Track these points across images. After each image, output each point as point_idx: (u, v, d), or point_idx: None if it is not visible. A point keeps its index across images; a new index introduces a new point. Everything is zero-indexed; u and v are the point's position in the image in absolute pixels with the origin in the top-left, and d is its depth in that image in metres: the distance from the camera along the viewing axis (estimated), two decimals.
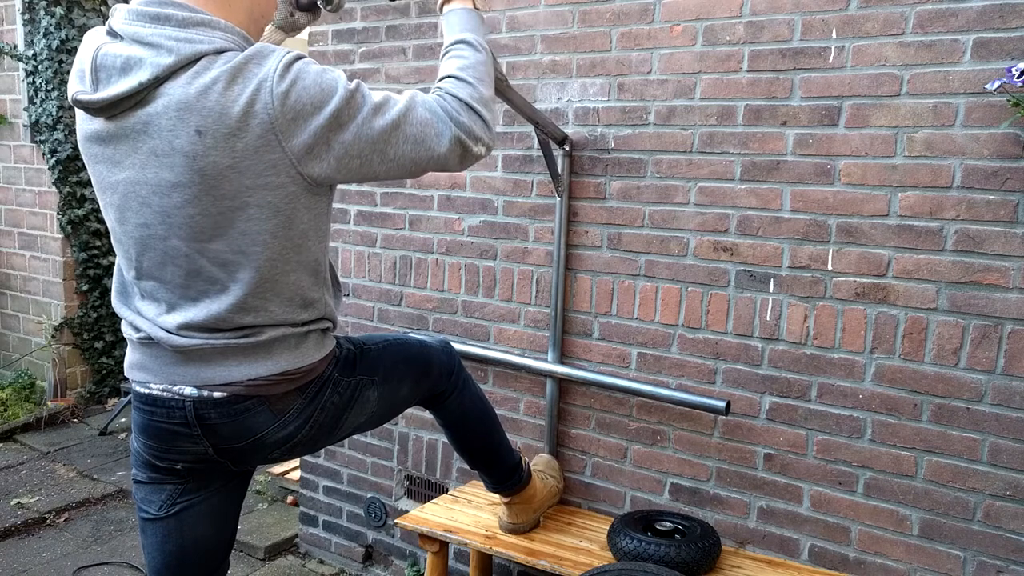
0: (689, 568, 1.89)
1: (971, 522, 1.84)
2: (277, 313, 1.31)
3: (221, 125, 1.17)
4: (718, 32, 2.04)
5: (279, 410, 1.36)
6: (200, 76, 1.17)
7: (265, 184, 1.21)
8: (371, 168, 1.27)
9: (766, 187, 2.01)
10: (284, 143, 1.19)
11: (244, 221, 1.23)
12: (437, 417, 1.91)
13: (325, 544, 2.95)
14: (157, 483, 1.43)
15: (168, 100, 1.18)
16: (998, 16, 1.71)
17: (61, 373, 4.39)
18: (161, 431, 1.36)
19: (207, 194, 1.20)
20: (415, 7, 2.55)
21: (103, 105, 1.21)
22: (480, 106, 1.34)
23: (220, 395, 1.31)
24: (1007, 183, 1.73)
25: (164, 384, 1.33)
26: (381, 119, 1.25)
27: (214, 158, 1.18)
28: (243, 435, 1.36)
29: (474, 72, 1.38)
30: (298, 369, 1.35)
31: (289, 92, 1.18)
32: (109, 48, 1.21)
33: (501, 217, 2.44)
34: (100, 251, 4.42)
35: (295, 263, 1.30)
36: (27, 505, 3.28)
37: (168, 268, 1.28)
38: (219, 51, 1.19)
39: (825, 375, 1.97)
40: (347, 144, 1.23)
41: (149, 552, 1.47)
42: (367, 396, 1.53)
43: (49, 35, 4.07)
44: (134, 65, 1.18)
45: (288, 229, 1.26)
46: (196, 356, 1.31)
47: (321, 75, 1.22)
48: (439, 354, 1.78)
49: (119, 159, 1.24)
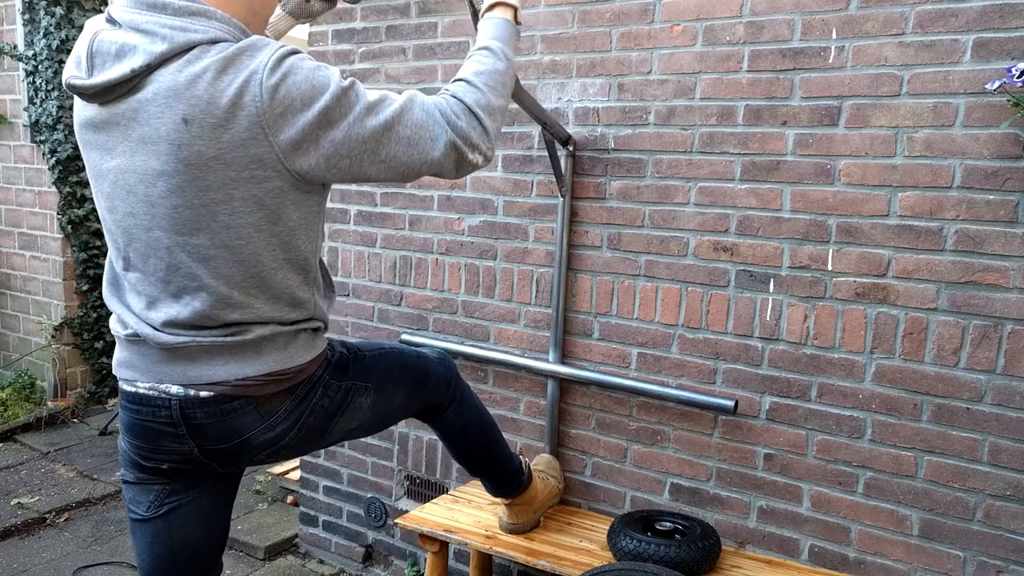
0: (689, 568, 1.89)
1: (971, 522, 1.84)
2: (264, 311, 1.29)
3: (208, 115, 1.15)
4: (718, 32, 2.04)
5: (267, 411, 1.34)
6: (191, 64, 1.16)
7: (251, 177, 1.19)
8: (361, 168, 1.25)
9: (766, 187, 2.01)
10: (271, 137, 1.17)
11: (228, 215, 1.21)
12: (436, 430, 1.88)
13: (325, 544, 2.95)
14: (145, 483, 1.42)
15: (158, 87, 1.17)
16: (998, 16, 1.71)
17: (61, 373, 4.39)
18: (147, 430, 1.34)
19: (191, 184, 1.19)
20: (415, 7, 2.55)
21: (96, 91, 1.20)
22: (483, 113, 1.30)
23: (207, 394, 1.29)
24: (1007, 183, 1.73)
25: (151, 382, 1.31)
26: (373, 119, 1.23)
27: (199, 147, 1.16)
28: (229, 436, 1.33)
29: (487, 79, 1.34)
30: (287, 369, 1.33)
31: (279, 86, 1.16)
32: (106, 35, 1.21)
33: (501, 217, 2.44)
34: (100, 251, 4.41)
35: (282, 260, 1.28)
36: (27, 505, 3.28)
37: (151, 260, 1.26)
38: (213, 41, 1.18)
39: (825, 375, 1.97)
40: (337, 142, 1.21)
41: (139, 553, 1.46)
42: (359, 402, 1.51)
43: (49, 35, 4.07)
44: (128, 52, 1.18)
45: (274, 224, 1.24)
46: (182, 354, 1.29)
47: (314, 71, 1.20)
48: (436, 365, 1.75)
49: (111, 146, 1.24)
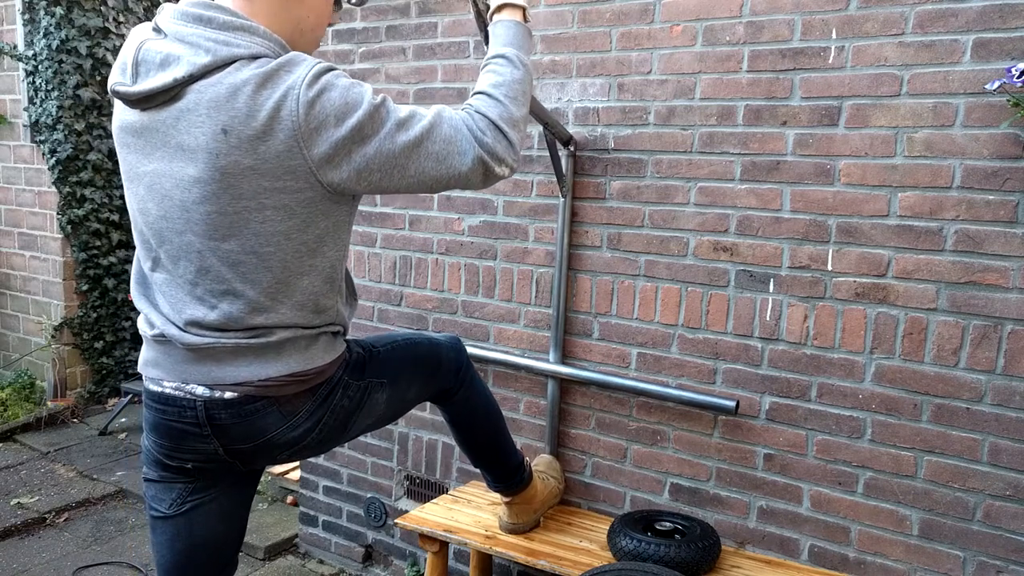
0: (689, 568, 1.89)
1: (971, 522, 1.84)
2: (288, 316, 1.32)
3: (247, 127, 1.19)
4: (718, 32, 2.04)
5: (289, 411, 1.37)
6: (232, 77, 1.21)
7: (284, 187, 1.23)
8: (392, 182, 1.29)
9: (766, 187, 2.01)
10: (305, 151, 1.21)
11: (259, 223, 1.25)
12: (443, 412, 1.91)
13: (325, 544, 2.95)
14: (168, 482, 1.44)
15: (199, 97, 1.21)
16: (998, 16, 1.71)
17: (61, 373, 4.39)
18: (172, 430, 1.37)
19: (225, 192, 1.23)
20: (415, 7, 2.55)
21: (139, 97, 1.25)
22: (508, 127, 1.34)
23: (231, 395, 1.33)
24: (1007, 183, 1.73)
25: (177, 382, 1.35)
26: (404, 135, 1.26)
27: (236, 157, 1.20)
28: (253, 436, 1.36)
29: (508, 91, 1.37)
30: (308, 371, 1.36)
31: (315, 102, 1.20)
32: (151, 44, 1.26)
33: (501, 217, 2.44)
34: (100, 251, 4.42)
35: (308, 267, 1.31)
36: (27, 505, 3.28)
37: (181, 263, 1.30)
38: (254, 56, 1.23)
39: (825, 375, 1.97)
40: (368, 157, 1.25)
41: (159, 550, 1.48)
42: (376, 399, 1.54)
43: (49, 35, 4.07)
44: (172, 62, 1.23)
45: (303, 232, 1.28)
46: (207, 355, 1.32)
47: (349, 88, 1.23)
48: (448, 351, 1.79)
49: (149, 151, 1.28)
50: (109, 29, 4.27)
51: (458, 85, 2.48)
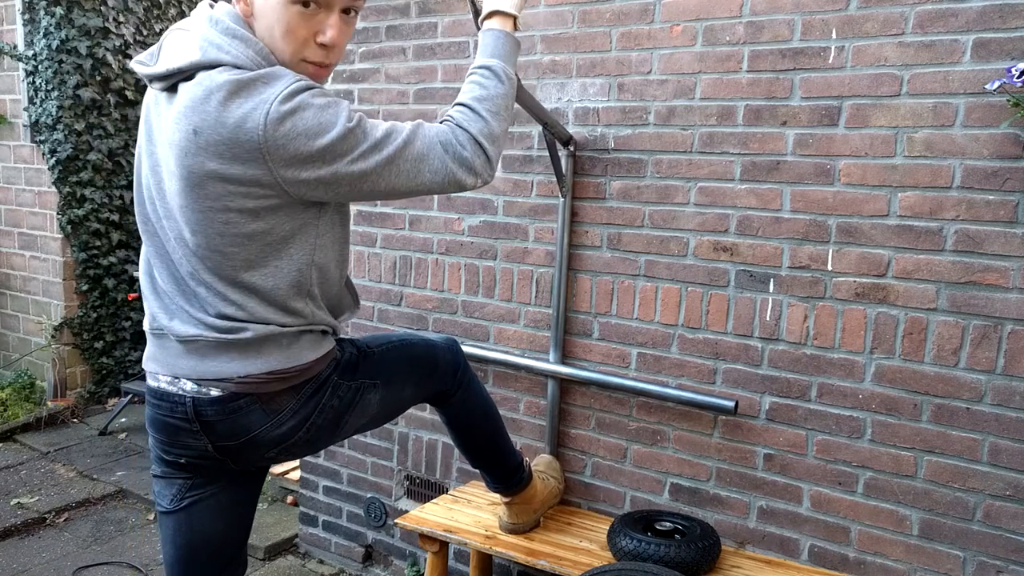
0: (689, 568, 1.89)
1: (971, 522, 1.84)
2: (259, 312, 1.33)
3: (215, 132, 1.21)
4: (718, 32, 2.04)
5: (272, 409, 1.37)
6: (210, 80, 1.23)
7: (248, 193, 1.25)
8: (361, 195, 1.32)
9: (766, 187, 2.01)
10: (271, 163, 1.22)
11: (223, 223, 1.27)
12: (441, 414, 1.91)
13: (325, 544, 2.95)
14: (168, 477, 1.47)
15: (183, 95, 1.25)
16: (998, 16, 1.71)
17: (61, 373, 4.39)
18: (166, 425, 1.40)
19: (192, 190, 1.26)
20: (415, 7, 2.55)
21: (152, 77, 1.32)
22: (487, 142, 1.36)
23: (216, 393, 1.34)
24: (1007, 183, 1.73)
25: (169, 375, 1.37)
26: (376, 155, 1.28)
27: (203, 159, 1.23)
28: (238, 433, 1.37)
29: (491, 105, 1.39)
30: (289, 369, 1.36)
31: (285, 119, 1.20)
32: (176, 33, 1.33)
33: (501, 217, 2.44)
34: (100, 251, 4.42)
35: (274, 268, 1.32)
36: (27, 505, 3.28)
37: (164, 252, 1.35)
38: (237, 66, 1.24)
39: (825, 375, 1.97)
40: (339, 175, 1.26)
41: (163, 545, 1.51)
42: (369, 399, 1.54)
43: (49, 35, 4.07)
44: (175, 53, 1.29)
45: (267, 235, 1.29)
46: (193, 348, 1.34)
47: (323, 109, 1.23)
48: (444, 352, 1.79)
49: (156, 138, 1.34)
50: (109, 29, 4.27)
51: (458, 85, 2.48)
